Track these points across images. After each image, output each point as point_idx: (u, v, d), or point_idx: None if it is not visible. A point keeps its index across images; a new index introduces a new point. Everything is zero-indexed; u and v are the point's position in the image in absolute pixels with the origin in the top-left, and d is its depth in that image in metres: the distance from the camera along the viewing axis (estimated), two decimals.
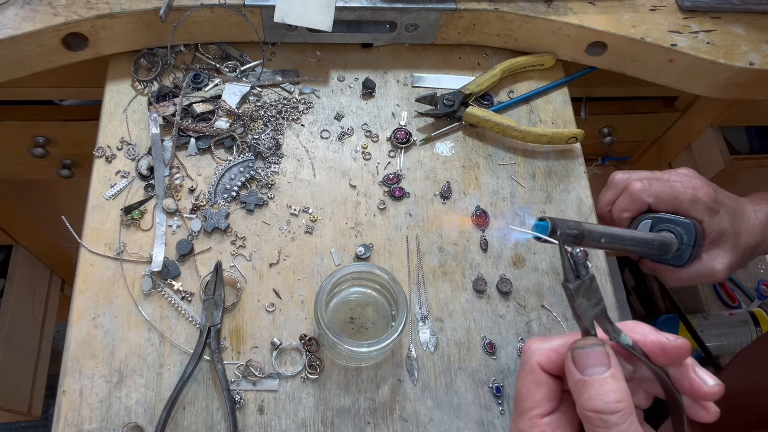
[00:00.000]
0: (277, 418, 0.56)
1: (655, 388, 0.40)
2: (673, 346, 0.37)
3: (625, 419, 0.34)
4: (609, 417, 0.33)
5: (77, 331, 0.58)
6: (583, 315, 0.37)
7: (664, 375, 0.37)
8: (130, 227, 0.63)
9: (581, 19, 0.72)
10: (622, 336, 0.37)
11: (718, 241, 0.59)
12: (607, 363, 0.35)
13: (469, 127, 0.73)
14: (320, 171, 0.69)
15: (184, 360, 0.57)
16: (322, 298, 0.54)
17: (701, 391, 0.37)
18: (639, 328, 0.39)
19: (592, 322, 0.37)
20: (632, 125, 1.05)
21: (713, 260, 0.59)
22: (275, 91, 0.73)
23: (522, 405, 0.38)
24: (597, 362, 0.35)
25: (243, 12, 0.69)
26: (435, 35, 0.75)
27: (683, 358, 0.37)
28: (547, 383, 0.38)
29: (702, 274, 0.59)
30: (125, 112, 0.69)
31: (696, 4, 0.74)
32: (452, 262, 0.65)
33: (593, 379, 0.35)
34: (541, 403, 0.37)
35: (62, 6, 0.65)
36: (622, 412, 0.34)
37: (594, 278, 0.37)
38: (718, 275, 0.58)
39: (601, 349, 0.35)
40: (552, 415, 0.37)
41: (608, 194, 0.65)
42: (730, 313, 1.56)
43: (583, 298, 0.36)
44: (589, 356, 0.35)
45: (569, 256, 0.37)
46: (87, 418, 0.55)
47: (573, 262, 0.37)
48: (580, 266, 0.37)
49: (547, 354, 0.38)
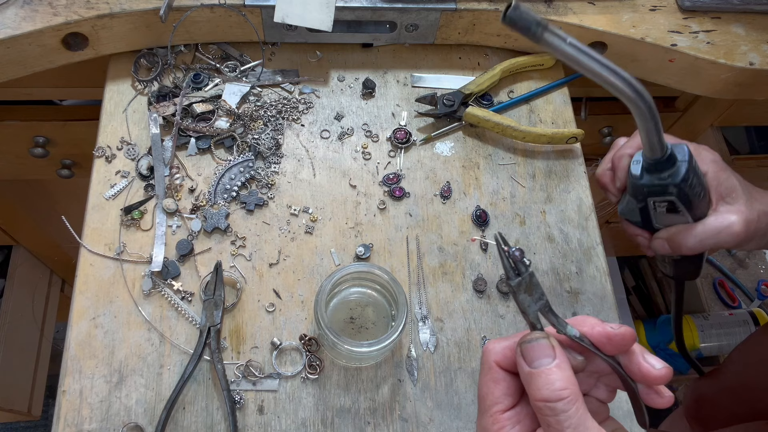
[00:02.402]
0: (277, 418, 0.56)
1: (614, 381, 0.41)
2: (616, 334, 0.38)
3: (571, 405, 0.35)
4: (556, 404, 0.35)
5: (77, 331, 0.58)
6: (527, 310, 0.39)
7: (615, 364, 0.38)
8: (130, 227, 0.63)
9: (581, 19, 0.72)
10: (568, 328, 0.38)
11: (730, 197, 0.57)
12: (552, 354, 0.37)
13: (469, 127, 0.73)
14: (320, 171, 0.69)
15: (184, 360, 0.57)
16: (322, 298, 0.54)
17: (651, 375, 0.38)
18: (586, 321, 0.40)
19: (537, 316, 0.39)
20: (632, 125, 1.03)
21: (728, 213, 0.56)
22: (275, 91, 0.73)
23: (483, 403, 0.39)
24: (543, 354, 0.37)
25: (243, 12, 0.69)
26: (435, 35, 0.75)
27: (629, 345, 0.39)
28: (505, 380, 0.39)
29: (719, 227, 0.56)
30: (125, 112, 0.69)
31: (696, 4, 0.74)
32: (452, 262, 0.65)
33: (540, 370, 0.36)
34: (500, 399, 0.38)
35: (62, 6, 0.65)
36: (567, 399, 0.35)
37: (534, 275, 0.39)
38: (735, 227, 0.55)
39: (545, 341, 0.37)
40: (512, 410, 0.38)
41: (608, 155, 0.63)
42: (730, 313, 1.56)
43: (525, 293, 0.39)
44: (535, 349, 0.37)
45: (507, 255, 0.39)
46: (87, 418, 0.55)
47: (512, 261, 0.39)
48: (518, 264, 0.39)
49: (503, 352, 0.39)
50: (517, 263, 0.39)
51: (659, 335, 1.53)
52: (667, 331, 1.53)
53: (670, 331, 1.52)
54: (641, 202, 0.54)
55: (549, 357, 0.36)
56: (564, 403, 0.35)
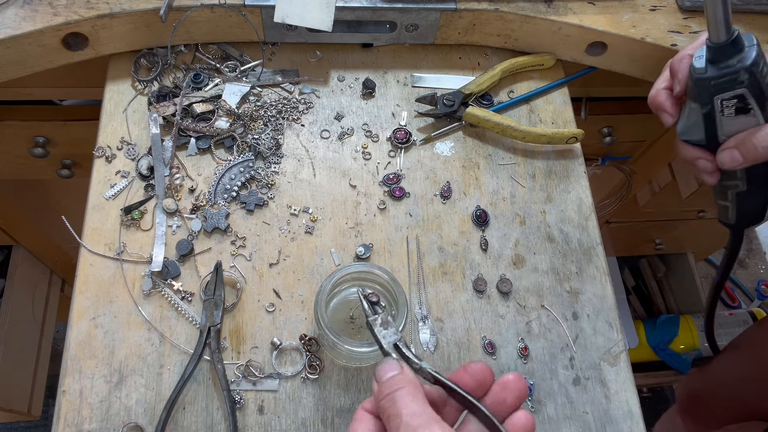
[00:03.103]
0: (277, 418, 0.56)
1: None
2: (470, 365, 0.41)
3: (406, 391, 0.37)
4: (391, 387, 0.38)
5: (77, 331, 0.58)
6: (381, 341, 0.44)
7: (473, 397, 0.40)
8: (130, 227, 0.63)
9: (581, 19, 0.72)
10: (423, 363, 0.42)
11: None
12: (399, 367, 0.40)
13: (469, 127, 0.73)
14: (320, 171, 0.69)
15: (184, 360, 0.57)
16: (322, 299, 0.54)
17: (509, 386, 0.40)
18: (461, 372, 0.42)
19: (391, 346, 0.44)
20: (632, 125, 1.05)
21: None
22: (275, 91, 0.73)
23: None
24: (390, 369, 0.40)
25: (243, 12, 0.69)
26: (435, 35, 0.75)
27: (488, 379, 0.41)
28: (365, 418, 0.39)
29: None
30: (125, 112, 0.69)
31: (696, 4, 0.74)
32: (452, 262, 0.65)
33: (387, 378, 0.39)
34: None
35: (62, 6, 0.65)
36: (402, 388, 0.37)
37: (389, 314, 0.47)
38: None
39: (393, 360, 0.41)
40: None
41: (662, 74, 0.58)
42: (730, 313, 1.56)
43: (381, 327, 0.45)
44: (384, 367, 0.40)
45: (366, 299, 0.47)
46: (87, 418, 0.55)
47: (369, 303, 0.47)
48: (376, 305, 0.47)
49: (371, 401, 0.40)
50: (374, 305, 0.47)
51: (659, 335, 1.53)
52: (667, 330, 1.53)
53: (670, 330, 1.52)
54: (706, 105, 0.49)
55: (395, 370, 0.39)
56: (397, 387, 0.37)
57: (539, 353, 0.61)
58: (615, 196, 1.24)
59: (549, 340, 0.62)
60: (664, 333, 1.52)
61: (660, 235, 1.48)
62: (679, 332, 1.51)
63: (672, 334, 1.51)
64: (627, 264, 1.77)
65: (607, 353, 0.62)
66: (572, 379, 0.61)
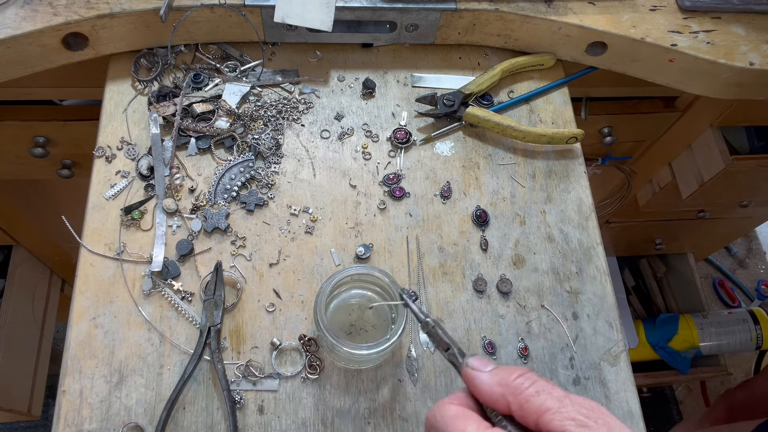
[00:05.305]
0: (277, 418, 0.56)
1: None
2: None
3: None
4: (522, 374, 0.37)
5: (77, 331, 0.58)
6: (452, 344, 0.44)
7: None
8: (130, 227, 0.63)
9: (581, 19, 0.72)
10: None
11: None
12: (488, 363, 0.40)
13: (469, 127, 0.73)
14: (320, 171, 0.69)
15: (184, 360, 0.58)
16: (321, 300, 0.54)
17: None
18: None
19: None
20: (632, 125, 1.05)
21: None
22: (275, 91, 0.73)
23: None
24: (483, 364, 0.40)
25: (243, 12, 0.69)
26: (435, 35, 0.75)
27: None
28: (471, 407, 0.39)
29: None
30: (125, 112, 0.69)
31: (696, 4, 0.74)
32: (452, 262, 0.65)
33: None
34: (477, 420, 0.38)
35: (62, 6, 0.65)
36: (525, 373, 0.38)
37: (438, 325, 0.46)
38: None
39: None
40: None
41: None
42: (729, 311, 1.56)
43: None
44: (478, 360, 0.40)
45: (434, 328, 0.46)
46: (87, 418, 0.55)
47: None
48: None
49: (457, 400, 0.40)
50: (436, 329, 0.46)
51: (659, 334, 1.53)
52: (667, 329, 1.53)
53: (669, 329, 1.52)
54: None
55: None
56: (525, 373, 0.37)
57: (539, 353, 0.61)
58: (615, 196, 1.24)
59: (549, 340, 0.62)
60: (664, 332, 1.53)
61: (660, 235, 1.48)
62: (678, 331, 1.51)
63: (671, 332, 1.51)
64: (627, 264, 1.77)
65: (607, 353, 0.62)
66: (572, 379, 0.61)
